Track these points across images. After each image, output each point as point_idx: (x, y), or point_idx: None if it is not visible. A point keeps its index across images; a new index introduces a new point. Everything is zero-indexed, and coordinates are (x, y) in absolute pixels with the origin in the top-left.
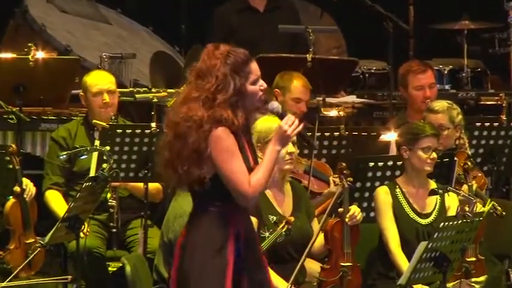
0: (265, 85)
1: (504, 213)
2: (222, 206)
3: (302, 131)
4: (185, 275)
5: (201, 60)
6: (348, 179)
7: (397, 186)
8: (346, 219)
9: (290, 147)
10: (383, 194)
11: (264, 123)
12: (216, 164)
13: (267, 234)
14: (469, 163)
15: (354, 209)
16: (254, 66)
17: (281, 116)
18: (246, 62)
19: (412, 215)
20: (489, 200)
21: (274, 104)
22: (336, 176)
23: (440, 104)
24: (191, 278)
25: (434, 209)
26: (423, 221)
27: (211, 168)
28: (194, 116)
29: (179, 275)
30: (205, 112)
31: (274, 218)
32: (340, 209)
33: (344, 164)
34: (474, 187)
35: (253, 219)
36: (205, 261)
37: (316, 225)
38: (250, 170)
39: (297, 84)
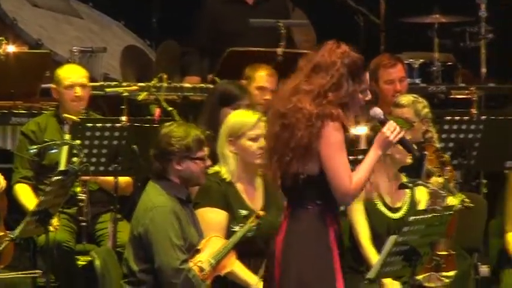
0: (370, 96)
1: (473, 205)
2: (322, 205)
3: (403, 138)
4: (293, 275)
5: (320, 54)
6: None
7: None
8: None
9: (262, 142)
10: None
11: (237, 117)
12: (322, 159)
13: (237, 228)
14: (446, 156)
15: None
16: (367, 76)
17: (383, 122)
18: (362, 69)
19: (383, 209)
20: (458, 193)
21: (377, 111)
22: None
23: (406, 98)
24: (302, 278)
25: (405, 203)
26: (394, 215)
27: (315, 166)
28: (304, 109)
29: (283, 275)
30: (314, 108)
31: (245, 212)
32: None
33: None
34: (442, 180)
35: (223, 213)
36: (315, 258)
37: None
38: None
39: (262, 73)
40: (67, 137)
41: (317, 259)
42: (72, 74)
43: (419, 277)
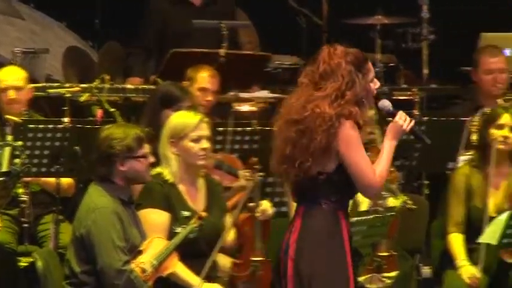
0: (379, 84)
1: (415, 207)
2: (336, 202)
3: (414, 127)
4: (306, 270)
5: (322, 61)
6: (259, 173)
7: None
8: (257, 214)
9: (204, 143)
10: None
11: (179, 118)
12: (342, 157)
13: (179, 229)
14: None
15: (265, 204)
16: (370, 65)
17: (392, 114)
18: (365, 60)
19: None
20: (401, 194)
21: (386, 102)
22: (247, 170)
23: None
24: (315, 273)
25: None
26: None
27: (333, 164)
28: (323, 113)
29: (296, 271)
30: (333, 110)
31: (187, 213)
32: (251, 204)
33: (255, 159)
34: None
35: (166, 215)
36: (328, 254)
37: (229, 220)
38: None
39: (203, 74)
40: (9, 138)
41: (330, 255)
42: (6, 77)
43: (361, 278)
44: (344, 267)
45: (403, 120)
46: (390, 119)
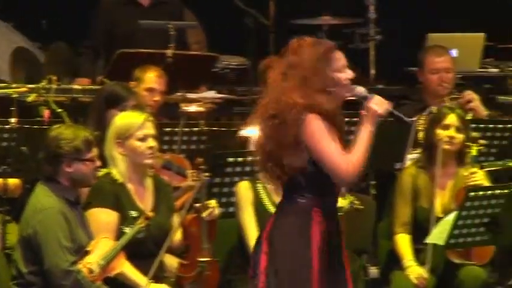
0: (352, 74)
1: (362, 207)
2: (311, 199)
3: (391, 109)
4: (274, 266)
5: (290, 53)
6: (205, 174)
7: (259, 181)
8: (204, 215)
9: (151, 142)
10: (244, 189)
11: (124, 118)
12: (309, 150)
13: (127, 229)
14: None
15: (211, 204)
16: (339, 54)
17: (367, 99)
18: (331, 49)
19: (273, 210)
20: (348, 195)
21: (361, 89)
22: (195, 170)
23: None
24: (280, 270)
25: None
26: None
27: (305, 158)
28: (296, 104)
29: (267, 265)
30: (302, 100)
31: (135, 213)
32: (198, 205)
33: (201, 159)
34: None
35: (114, 214)
36: (292, 252)
37: (176, 220)
38: None
39: (150, 74)
40: None
41: (295, 254)
42: None
43: None
44: (306, 267)
45: (377, 105)
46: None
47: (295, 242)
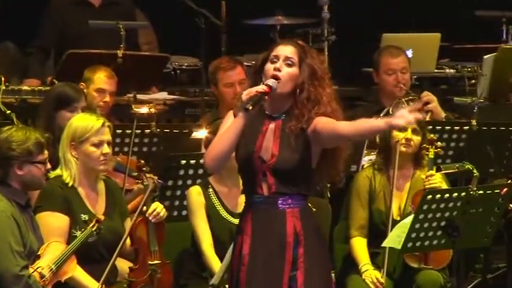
0: (278, 65)
1: (314, 209)
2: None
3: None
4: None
5: None
6: (150, 176)
7: (210, 186)
8: (150, 217)
9: (105, 148)
10: (195, 194)
11: (81, 121)
12: None
13: (78, 233)
14: None
15: (156, 206)
16: (280, 46)
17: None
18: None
19: (225, 215)
20: None
21: (271, 80)
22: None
23: None
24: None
25: None
26: (237, 221)
27: None
28: None
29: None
30: None
31: (86, 216)
32: (144, 208)
33: (142, 161)
34: None
35: (65, 218)
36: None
37: (129, 224)
38: (249, 154)
39: (100, 75)
40: None
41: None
42: None
43: None
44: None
45: (247, 92)
46: None
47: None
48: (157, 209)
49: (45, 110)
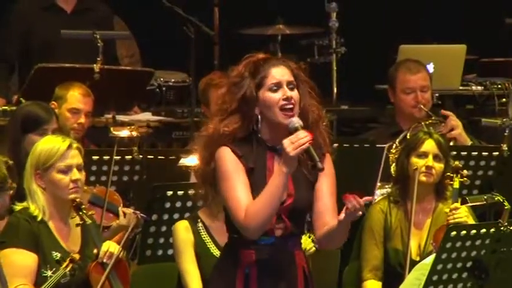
0: (289, 94)
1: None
2: (237, 239)
3: (308, 149)
4: None
5: None
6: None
7: (199, 220)
8: (104, 259)
9: (75, 174)
10: (182, 230)
11: (44, 145)
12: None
13: (49, 273)
14: None
15: (108, 245)
16: (275, 70)
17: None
18: (263, 63)
19: (217, 253)
20: (307, 233)
21: (294, 120)
22: (131, 208)
23: None
24: None
25: None
26: None
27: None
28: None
29: None
30: (217, 124)
31: (58, 255)
32: (94, 250)
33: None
34: None
35: (33, 256)
36: None
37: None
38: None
39: (74, 92)
40: None
41: None
42: None
43: None
44: None
45: (291, 142)
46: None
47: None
48: (110, 248)
49: (11, 133)
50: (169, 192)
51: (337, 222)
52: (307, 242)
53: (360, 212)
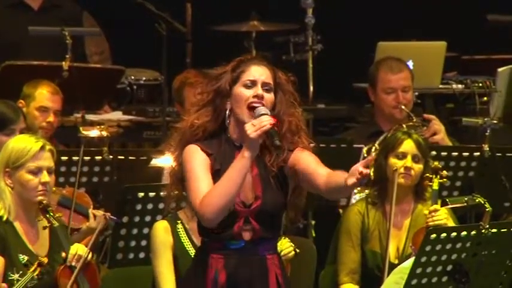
0: (260, 92)
1: (298, 251)
2: (206, 243)
3: (269, 131)
4: None
5: None
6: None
7: (179, 222)
8: (72, 262)
9: (45, 176)
10: (161, 231)
11: (16, 144)
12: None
13: (16, 276)
14: None
15: (76, 248)
16: (254, 68)
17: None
18: (247, 59)
19: (193, 253)
20: (283, 237)
21: (261, 108)
22: (102, 210)
23: None
24: None
25: None
26: None
27: None
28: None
29: None
30: (191, 117)
31: (25, 257)
32: (63, 253)
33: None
34: None
35: (1, 258)
36: None
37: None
38: None
39: (43, 90)
40: None
41: None
42: None
43: None
44: None
45: (252, 125)
46: None
47: None
48: (78, 251)
49: None
50: (141, 194)
51: (344, 183)
52: (285, 246)
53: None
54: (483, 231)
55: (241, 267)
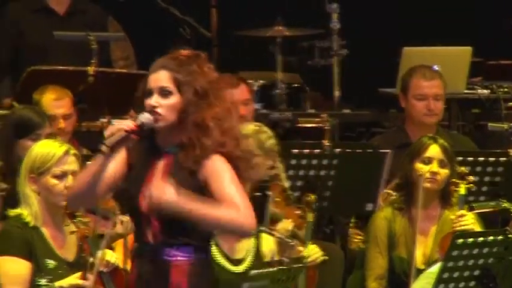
0: (154, 102)
1: (326, 257)
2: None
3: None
4: None
5: None
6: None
7: None
8: (100, 268)
9: (70, 180)
10: None
11: (40, 149)
12: None
13: (43, 281)
14: (312, 197)
15: (108, 254)
16: (151, 76)
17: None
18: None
19: (223, 261)
20: (310, 242)
21: (141, 115)
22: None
23: (246, 128)
24: None
25: (248, 253)
26: (235, 268)
27: None
28: None
29: None
30: None
31: (53, 262)
32: (91, 259)
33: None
34: (290, 227)
35: (26, 264)
36: None
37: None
38: (133, 195)
39: (47, 99)
40: None
41: None
42: None
43: None
44: None
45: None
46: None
47: None
48: (107, 257)
49: (4, 138)
50: None
51: None
52: (313, 252)
53: None
54: (510, 235)
55: (144, 273)
